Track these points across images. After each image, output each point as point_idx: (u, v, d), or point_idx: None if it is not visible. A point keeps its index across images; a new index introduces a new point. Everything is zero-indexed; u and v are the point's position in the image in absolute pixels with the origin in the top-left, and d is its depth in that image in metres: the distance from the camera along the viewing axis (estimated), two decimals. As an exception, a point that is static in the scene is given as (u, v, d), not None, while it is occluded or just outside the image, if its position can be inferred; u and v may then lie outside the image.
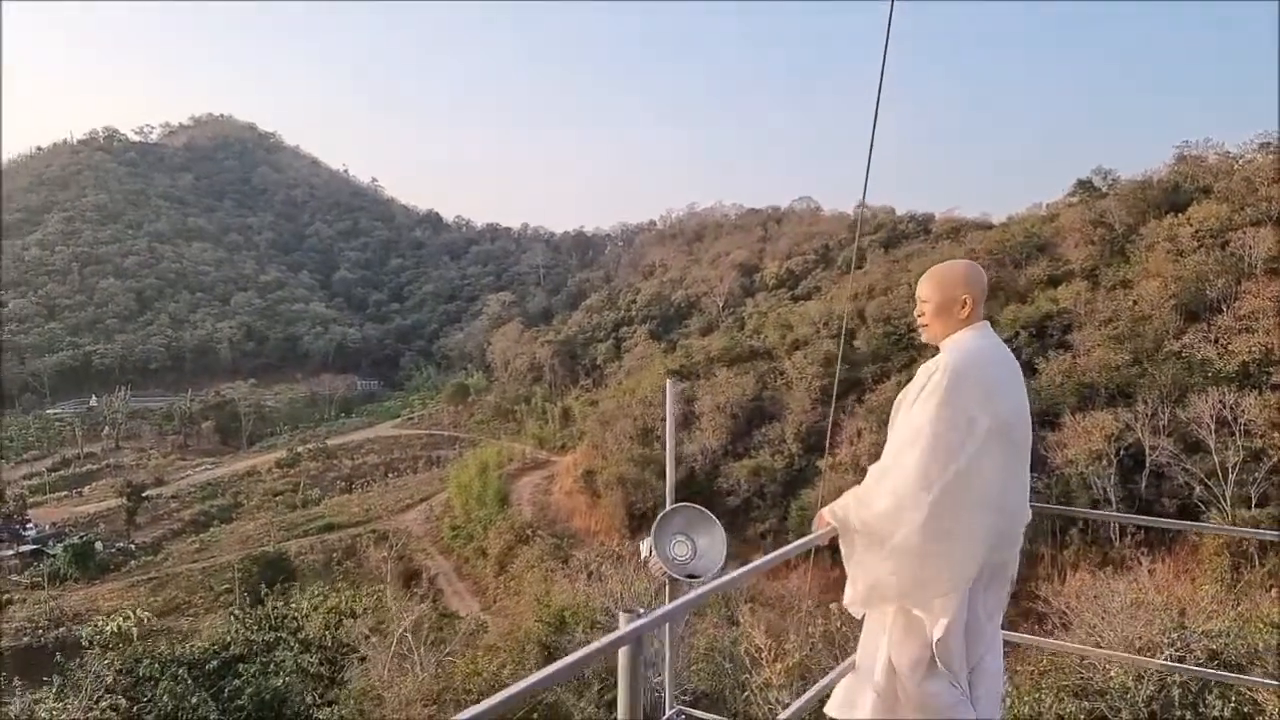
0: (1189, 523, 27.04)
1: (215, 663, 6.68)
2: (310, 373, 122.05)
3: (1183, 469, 32.76)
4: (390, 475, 75.39)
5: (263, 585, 46.34)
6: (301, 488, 73.22)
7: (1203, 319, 39.51)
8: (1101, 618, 13.54)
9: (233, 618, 7.88)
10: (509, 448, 69.11)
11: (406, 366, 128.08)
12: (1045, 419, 37.20)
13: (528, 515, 52.79)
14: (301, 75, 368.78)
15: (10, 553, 61.02)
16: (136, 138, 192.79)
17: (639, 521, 46.66)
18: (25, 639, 45.15)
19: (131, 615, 7.37)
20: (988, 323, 2.83)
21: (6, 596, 52.71)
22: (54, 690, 6.37)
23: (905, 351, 47.13)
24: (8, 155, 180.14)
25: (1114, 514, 32.56)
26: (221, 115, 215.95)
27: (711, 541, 3.20)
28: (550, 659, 15.84)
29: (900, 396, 2.80)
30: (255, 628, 7.44)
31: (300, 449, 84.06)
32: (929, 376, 2.65)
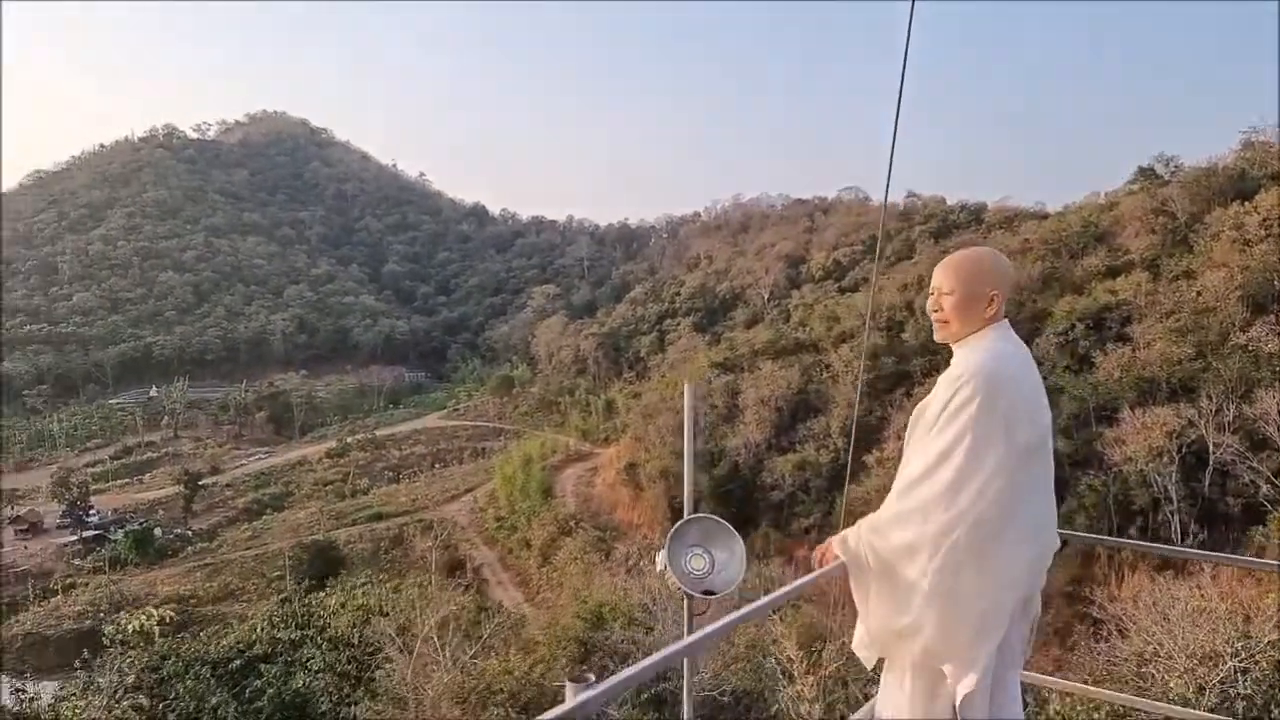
0: (1198, 552, 25.79)
1: (239, 662, 6.63)
2: (360, 364, 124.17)
3: (1248, 467, 31.32)
4: (437, 466, 76.26)
5: (310, 574, 47.18)
6: (351, 477, 74.48)
7: (1270, 311, 37.69)
8: (1161, 625, 12.93)
9: (262, 615, 7.90)
10: (553, 439, 69.39)
11: (453, 358, 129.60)
12: (1102, 414, 35.98)
13: (571, 507, 52.90)
14: (351, 71, 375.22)
15: (74, 538, 63.20)
16: (195, 135, 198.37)
17: (681, 516, 46.40)
18: (87, 622, 46.69)
19: (154, 614, 7.36)
20: (1007, 321, 2.48)
21: (70, 580, 54.62)
22: (80, 687, 6.37)
23: (956, 344, 46.05)
24: (72, 153, 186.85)
25: (1129, 540, 31.49)
26: (275, 112, 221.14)
27: (730, 556, 2.92)
28: (586, 656, 15.70)
29: (918, 410, 2.44)
30: (282, 625, 7.38)
31: (350, 439, 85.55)
32: (956, 386, 2.28)
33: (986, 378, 2.26)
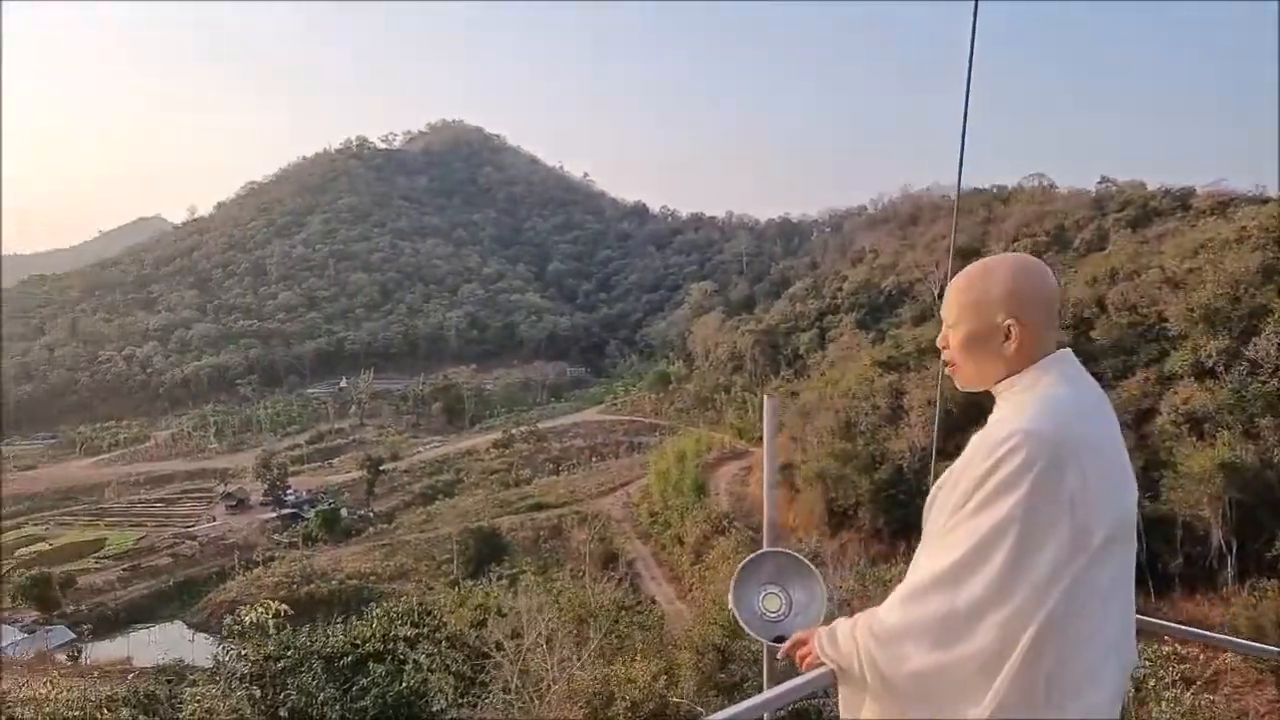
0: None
1: (350, 658, 6.58)
2: (525, 359, 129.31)
3: None
4: (594, 459, 77.80)
5: (476, 559, 49.20)
6: (514, 467, 77.38)
7: None
8: None
9: (376, 614, 7.99)
10: (708, 437, 68.89)
11: (611, 354, 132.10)
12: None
13: (724, 506, 52.21)
14: (526, 76, 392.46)
15: (274, 515, 69.56)
16: (383, 145, 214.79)
17: (839, 519, 44.69)
18: (283, 592, 51.18)
19: (270, 607, 7.51)
20: (1069, 352, 1.72)
21: (270, 554, 60.04)
22: (207, 674, 6.56)
23: (1154, 343, 41.49)
24: (280, 165, 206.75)
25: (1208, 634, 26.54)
26: (453, 121, 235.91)
27: (810, 598, 2.34)
28: (725, 664, 15.05)
29: (941, 481, 1.72)
30: (399, 623, 7.35)
31: (514, 431, 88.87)
32: (997, 453, 1.55)
33: (1045, 442, 1.51)
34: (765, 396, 2.69)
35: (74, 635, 45.38)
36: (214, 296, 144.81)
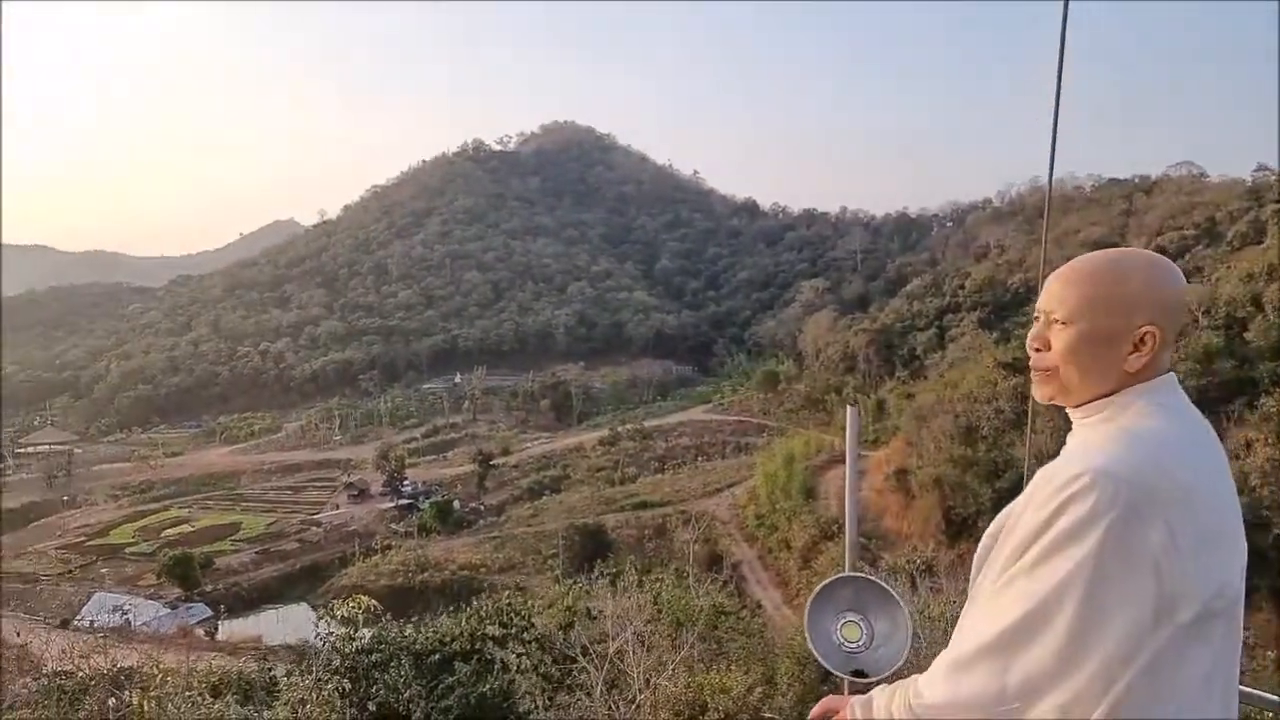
0: None
1: (437, 656, 6.39)
2: (632, 357, 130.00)
3: None
4: (700, 459, 77.14)
5: (581, 555, 49.61)
6: (620, 465, 77.65)
7: None
8: None
9: (471, 609, 7.84)
10: (818, 439, 67.07)
11: (719, 353, 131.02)
12: None
13: (834, 510, 50.57)
14: (639, 74, 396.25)
15: (391, 505, 72.36)
16: (498, 147, 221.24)
17: (958, 528, 42.48)
18: (399, 580, 53.14)
19: (362, 602, 7.44)
20: (1174, 377, 1.41)
21: (387, 543, 62.33)
22: (304, 665, 6.53)
23: (1320, 346, 37.51)
24: (400, 169, 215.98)
25: None
26: (565, 122, 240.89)
27: (893, 628, 2.09)
28: (827, 676, 14.24)
29: (997, 529, 1.41)
30: (487, 621, 7.13)
31: (620, 429, 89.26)
32: (1060, 495, 1.26)
33: (1122, 486, 1.23)
34: (846, 406, 2.31)
35: (211, 613, 48.39)
36: (340, 295, 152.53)
